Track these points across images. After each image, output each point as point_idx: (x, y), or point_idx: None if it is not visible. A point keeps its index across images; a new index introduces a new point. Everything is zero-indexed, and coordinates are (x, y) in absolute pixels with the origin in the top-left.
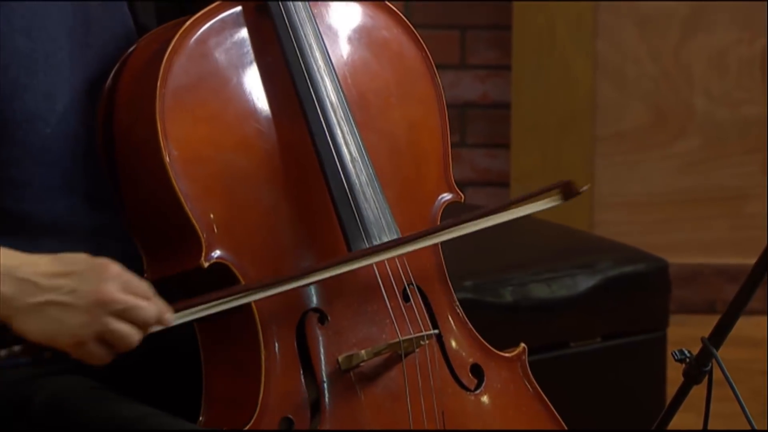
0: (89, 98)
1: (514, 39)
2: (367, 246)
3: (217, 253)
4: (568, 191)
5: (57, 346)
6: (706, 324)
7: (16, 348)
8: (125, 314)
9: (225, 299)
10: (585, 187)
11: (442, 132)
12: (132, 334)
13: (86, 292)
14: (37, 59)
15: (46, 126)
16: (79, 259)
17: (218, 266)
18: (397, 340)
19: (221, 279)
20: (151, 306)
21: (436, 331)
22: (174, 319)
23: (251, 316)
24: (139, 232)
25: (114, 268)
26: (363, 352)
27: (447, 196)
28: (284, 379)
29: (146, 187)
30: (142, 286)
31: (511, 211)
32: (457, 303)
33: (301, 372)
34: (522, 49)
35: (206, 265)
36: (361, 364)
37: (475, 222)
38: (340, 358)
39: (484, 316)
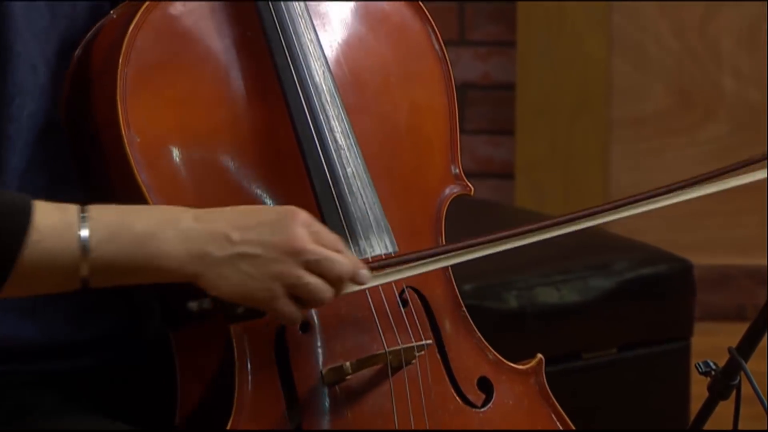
0: (60, 70)
1: (519, 12)
2: (351, 244)
3: None
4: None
5: (248, 301)
6: (735, 332)
7: (206, 303)
8: (318, 266)
9: (426, 260)
10: None
11: (449, 116)
12: (325, 290)
13: (277, 242)
14: (25, 25)
15: (32, 101)
16: (266, 209)
17: None
18: (383, 351)
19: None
20: (345, 260)
21: (429, 342)
22: (370, 278)
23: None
24: None
25: (303, 215)
26: (348, 364)
27: (454, 189)
28: (260, 394)
29: (109, 177)
30: (334, 238)
31: (709, 184)
32: (464, 308)
33: (280, 386)
34: (528, 23)
35: None
36: (348, 377)
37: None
38: (323, 371)
39: (486, 324)
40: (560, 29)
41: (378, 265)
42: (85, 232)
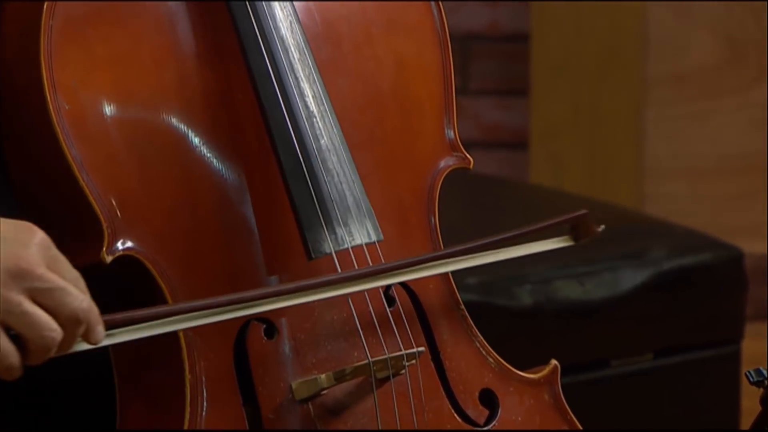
0: None
1: None
2: (326, 232)
3: (124, 243)
4: (579, 231)
5: None
6: None
7: None
8: (48, 296)
9: (168, 319)
10: (601, 228)
11: (443, 73)
12: (53, 329)
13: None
14: None
15: None
16: None
17: (127, 260)
18: (366, 362)
19: (137, 276)
20: (84, 297)
21: (421, 349)
22: (104, 336)
23: None
24: (32, 209)
25: (42, 235)
26: (323, 376)
27: (449, 161)
28: (216, 414)
29: (33, 154)
30: (76, 273)
31: (508, 249)
32: (463, 307)
33: (242, 403)
34: None
35: (109, 259)
36: (323, 392)
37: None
38: (294, 385)
39: (494, 326)
40: None
41: (114, 320)
42: None
